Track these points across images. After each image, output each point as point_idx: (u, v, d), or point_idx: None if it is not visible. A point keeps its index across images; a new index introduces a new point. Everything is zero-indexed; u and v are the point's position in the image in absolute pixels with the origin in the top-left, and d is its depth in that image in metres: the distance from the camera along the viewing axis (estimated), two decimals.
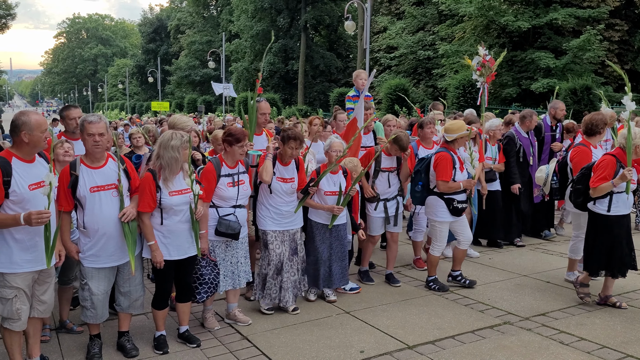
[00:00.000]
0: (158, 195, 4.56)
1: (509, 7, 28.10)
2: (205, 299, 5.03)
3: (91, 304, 4.53)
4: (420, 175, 6.32)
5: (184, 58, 62.53)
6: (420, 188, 6.33)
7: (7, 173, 3.91)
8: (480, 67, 6.86)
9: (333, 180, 5.82)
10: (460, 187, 6.11)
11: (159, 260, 4.59)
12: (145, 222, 4.59)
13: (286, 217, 5.53)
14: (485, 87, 6.93)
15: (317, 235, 5.85)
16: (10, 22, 53.83)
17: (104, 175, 4.46)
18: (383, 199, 6.49)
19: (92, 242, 4.45)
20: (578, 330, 5.18)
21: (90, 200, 4.40)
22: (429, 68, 34.18)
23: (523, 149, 8.28)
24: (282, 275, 5.52)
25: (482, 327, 5.29)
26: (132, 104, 72.80)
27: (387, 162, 6.48)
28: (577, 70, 25.28)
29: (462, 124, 6.24)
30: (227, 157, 5.20)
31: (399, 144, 6.24)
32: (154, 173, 4.59)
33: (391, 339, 5.03)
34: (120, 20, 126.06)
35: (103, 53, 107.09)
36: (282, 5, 45.65)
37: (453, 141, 6.15)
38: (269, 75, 45.35)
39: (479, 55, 6.87)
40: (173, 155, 4.53)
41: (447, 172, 6.03)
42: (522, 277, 6.80)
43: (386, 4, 40.53)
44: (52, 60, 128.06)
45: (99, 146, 4.39)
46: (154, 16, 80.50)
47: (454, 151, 6.18)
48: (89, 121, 4.36)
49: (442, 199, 6.17)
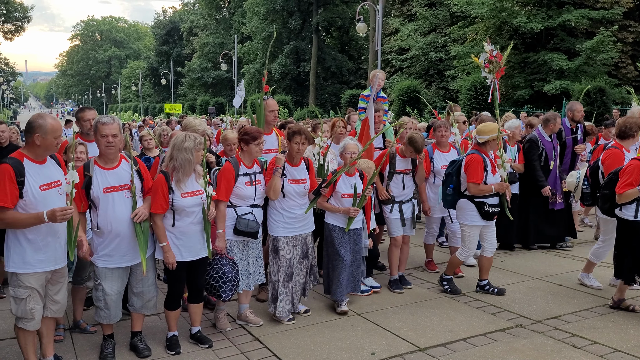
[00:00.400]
0: (170, 196, 4.58)
1: (521, 9, 27.93)
2: (230, 297, 5.01)
3: (104, 304, 4.57)
4: (451, 177, 6.22)
5: (196, 60, 62.81)
6: (451, 191, 6.21)
7: (21, 173, 3.97)
8: (488, 64, 6.72)
9: (350, 183, 5.73)
10: (491, 190, 5.98)
11: (171, 261, 4.61)
12: (158, 223, 4.61)
13: (299, 221, 5.46)
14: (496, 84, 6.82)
15: (336, 238, 5.73)
16: (26, 25, 54.46)
17: (117, 176, 4.51)
18: (398, 201, 6.42)
19: (105, 242, 4.51)
20: (591, 333, 5.15)
21: (104, 201, 4.45)
22: (440, 70, 34.05)
23: (545, 152, 8.07)
24: (293, 279, 5.48)
25: (494, 330, 5.27)
26: (145, 106, 73.27)
27: (401, 164, 6.40)
28: (591, 72, 25.05)
29: (494, 126, 6.09)
30: (244, 157, 5.23)
31: (414, 145, 6.17)
32: (167, 175, 4.62)
33: (402, 341, 5.03)
34: (133, 23, 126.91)
35: (117, 55, 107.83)
36: (294, 7, 45.71)
37: (485, 143, 6.03)
38: (280, 77, 45.42)
39: (485, 52, 6.75)
40: (186, 157, 4.54)
41: (478, 174, 5.93)
42: (535, 280, 6.77)
43: (398, 5, 40.44)
44: (66, 62, 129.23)
45: (112, 147, 4.43)
46: (167, 18, 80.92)
47: (486, 153, 6.07)
48: (102, 122, 4.40)
49: (472, 202, 6.05)
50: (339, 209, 5.68)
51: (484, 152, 6.06)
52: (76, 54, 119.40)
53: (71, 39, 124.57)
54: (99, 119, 4.46)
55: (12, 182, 3.92)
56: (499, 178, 6.13)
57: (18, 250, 4.06)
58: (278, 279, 5.41)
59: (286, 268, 5.42)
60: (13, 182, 3.92)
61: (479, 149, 6.06)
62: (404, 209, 6.43)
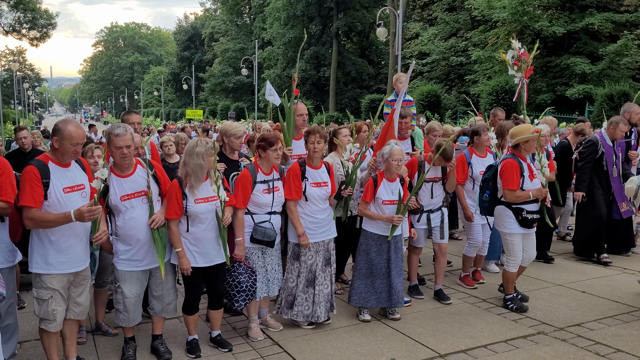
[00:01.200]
0: (184, 202, 4.57)
1: (543, 12, 27.72)
2: (243, 307, 5.02)
3: (124, 307, 4.62)
4: (488, 183, 5.99)
5: (217, 65, 63.33)
6: (488, 197, 5.98)
7: (46, 175, 4.06)
8: (517, 62, 6.40)
9: (391, 189, 5.51)
10: (529, 196, 5.70)
11: (186, 267, 4.62)
12: (172, 229, 4.62)
13: (322, 226, 5.36)
14: (525, 83, 6.50)
15: (373, 247, 5.52)
16: (51, 32, 55.37)
17: (133, 182, 4.54)
18: (427, 210, 6.17)
19: (124, 247, 4.56)
20: (614, 341, 5.07)
21: (122, 208, 4.50)
22: (461, 74, 33.91)
23: (605, 157, 7.64)
24: (315, 287, 5.36)
25: (515, 337, 5.22)
26: (166, 111, 74.00)
27: (431, 172, 6.05)
28: (614, 75, 24.74)
29: (526, 127, 5.80)
30: (262, 163, 5.17)
31: (443, 153, 5.83)
32: (181, 180, 4.62)
33: (422, 347, 5.00)
34: (156, 29, 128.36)
35: (139, 61, 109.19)
36: (314, 12, 45.89)
37: (518, 146, 5.78)
38: (300, 82, 45.57)
39: (513, 49, 6.44)
40: (198, 162, 4.53)
41: (514, 180, 5.67)
42: (557, 287, 6.68)
43: (418, 10, 40.38)
44: (90, 68, 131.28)
45: (127, 158, 4.44)
46: (189, 24, 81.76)
47: (523, 158, 5.79)
48: (115, 134, 4.37)
49: (510, 209, 5.80)
50: (382, 216, 5.47)
51: (521, 156, 5.80)
52: (100, 59, 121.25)
53: (95, 45, 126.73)
54: (112, 130, 4.43)
55: (38, 183, 4.00)
56: (538, 184, 5.83)
57: (41, 252, 4.13)
58: (297, 284, 5.35)
59: (307, 274, 5.35)
60: (39, 183, 4.00)
61: (515, 153, 5.82)
62: (432, 218, 6.19)
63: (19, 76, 63.30)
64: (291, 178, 5.22)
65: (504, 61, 6.96)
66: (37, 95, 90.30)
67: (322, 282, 5.40)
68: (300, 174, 5.26)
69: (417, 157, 6.31)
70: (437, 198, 6.19)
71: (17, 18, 53.08)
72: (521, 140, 5.72)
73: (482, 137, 6.59)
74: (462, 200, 6.62)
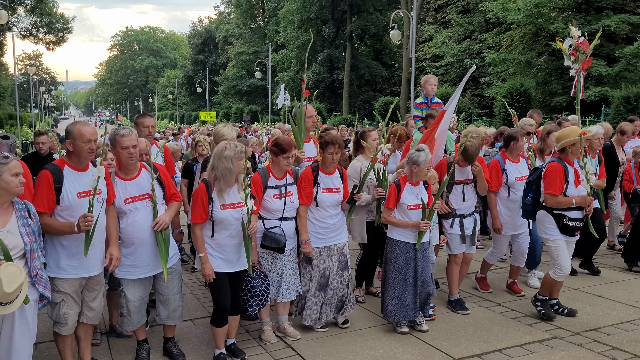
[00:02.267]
0: (210, 207, 4.47)
1: (558, 14, 27.48)
2: (257, 312, 4.98)
3: (127, 310, 4.59)
4: (532, 186, 5.75)
5: (231, 68, 63.60)
6: (531, 200, 5.72)
7: (59, 180, 4.08)
8: (575, 52, 5.78)
9: (415, 193, 5.31)
10: (572, 203, 5.43)
11: (208, 273, 4.49)
12: (197, 233, 4.53)
13: (331, 231, 5.29)
14: (582, 76, 5.82)
15: (401, 255, 5.30)
16: (67, 36, 56.01)
17: (137, 186, 4.53)
18: (459, 215, 5.91)
19: (128, 251, 4.51)
20: (632, 347, 5.00)
21: (126, 210, 4.49)
22: (475, 77, 33.66)
23: None
24: (328, 291, 5.29)
25: (530, 342, 5.17)
26: (180, 114, 74.47)
27: (460, 174, 5.87)
28: (631, 78, 24.45)
29: (572, 130, 5.51)
30: (274, 168, 5.10)
31: (464, 154, 5.68)
32: (208, 184, 4.52)
33: (436, 351, 4.97)
34: (170, 33, 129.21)
35: (154, 64, 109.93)
36: (327, 15, 45.91)
37: (564, 150, 5.50)
38: (314, 84, 45.60)
39: (571, 37, 5.78)
40: (227, 166, 4.41)
41: (556, 184, 5.41)
42: (573, 291, 6.61)
43: (432, 12, 40.27)
44: (105, 71, 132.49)
45: (133, 157, 4.46)
46: (203, 28, 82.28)
47: (569, 162, 5.54)
48: (121, 135, 4.40)
49: (551, 215, 5.56)
50: (407, 223, 5.27)
51: (567, 160, 5.54)
52: (115, 63, 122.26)
53: (110, 49, 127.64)
54: (117, 132, 4.45)
55: (50, 188, 4.04)
56: (583, 190, 5.50)
57: (53, 255, 4.16)
58: (309, 288, 5.28)
59: (319, 278, 5.28)
60: (51, 188, 4.04)
61: (562, 157, 5.56)
62: (465, 224, 5.93)
63: (35, 80, 64.03)
64: (303, 183, 5.18)
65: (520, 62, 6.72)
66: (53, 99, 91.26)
67: (337, 286, 5.31)
68: (313, 179, 5.20)
69: (447, 159, 6.11)
70: (469, 201, 5.95)
71: (34, 22, 53.77)
72: (567, 144, 5.49)
73: (519, 142, 6.25)
74: (492, 210, 6.25)
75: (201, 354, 4.94)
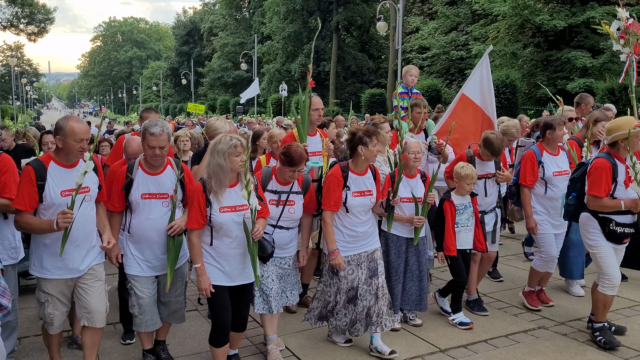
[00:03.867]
0: (208, 210, 3.93)
1: (544, 6, 27.62)
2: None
3: (139, 309, 4.27)
4: (575, 184, 5.03)
5: (216, 60, 63.23)
6: (574, 200, 5.03)
7: (42, 177, 3.83)
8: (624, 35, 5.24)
9: (411, 186, 5.01)
10: (620, 206, 4.65)
11: (204, 287, 3.94)
12: (193, 240, 3.98)
13: (361, 239, 4.66)
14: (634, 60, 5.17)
15: (393, 248, 5.07)
16: (49, 26, 55.24)
17: (159, 183, 4.21)
18: (480, 211, 5.47)
19: (135, 247, 4.27)
20: (616, 335, 5.05)
21: (140, 206, 4.19)
22: (461, 68, 33.84)
23: None
24: (357, 304, 4.63)
25: (516, 332, 5.20)
26: (165, 106, 73.92)
27: (481, 167, 5.44)
28: (615, 69, 24.66)
29: (626, 120, 4.72)
30: (279, 173, 4.57)
31: (489, 148, 5.27)
32: (205, 183, 3.98)
33: (423, 342, 4.99)
34: (154, 24, 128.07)
35: (138, 56, 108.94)
36: (313, 6, 45.75)
37: (616, 144, 4.70)
38: (300, 76, 45.50)
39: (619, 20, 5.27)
40: (218, 162, 3.88)
41: (601, 184, 4.65)
42: (558, 281, 6.66)
43: (418, 4, 40.31)
44: (88, 63, 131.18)
45: (158, 158, 4.14)
46: (188, 19, 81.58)
47: (621, 159, 4.73)
48: (151, 133, 4.03)
49: (596, 218, 4.81)
50: (401, 217, 4.99)
51: (618, 156, 4.74)
52: (98, 54, 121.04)
53: (93, 40, 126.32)
54: (148, 128, 4.06)
55: (32, 185, 3.80)
56: (633, 193, 4.70)
57: (37, 255, 3.98)
58: (338, 301, 4.69)
59: (347, 290, 4.65)
60: (33, 185, 3.80)
61: (612, 153, 4.76)
62: (486, 221, 5.56)
63: (17, 71, 63.11)
64: (331, 186, 4.52)
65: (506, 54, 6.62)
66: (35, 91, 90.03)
67: (365, 296, 4.63)
68: (342, 181, 4.56)
69: (466, 152, 5.64)
70: (491, 197, 5.59)
71: (15, 13, 52.94)
72: (620, 137, 4.64)
73: (557, 132, 5.52)
74: (526, 207, 5.59)
75: (187, 348, 4.89)
